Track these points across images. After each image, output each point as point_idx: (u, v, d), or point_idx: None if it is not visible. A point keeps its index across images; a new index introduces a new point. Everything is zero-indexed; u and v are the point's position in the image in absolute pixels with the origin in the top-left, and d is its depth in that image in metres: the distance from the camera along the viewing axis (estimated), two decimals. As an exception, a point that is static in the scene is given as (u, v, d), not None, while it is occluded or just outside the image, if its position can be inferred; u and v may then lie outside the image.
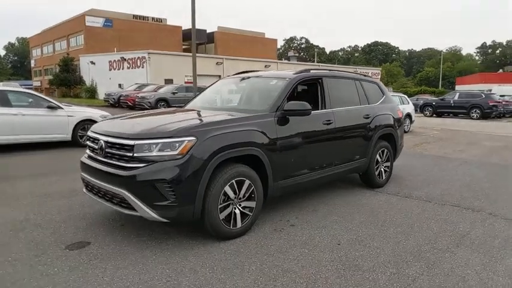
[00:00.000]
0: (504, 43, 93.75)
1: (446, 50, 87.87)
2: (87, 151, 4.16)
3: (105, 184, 3.59)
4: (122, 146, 3.51)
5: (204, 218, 3.52)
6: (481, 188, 5.91)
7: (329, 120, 4.75)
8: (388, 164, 5.98)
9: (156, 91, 23.48)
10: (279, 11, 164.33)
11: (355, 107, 5.36)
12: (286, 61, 52.95)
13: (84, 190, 4.19)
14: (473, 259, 3.39)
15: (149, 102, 21.85)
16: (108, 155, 3.66)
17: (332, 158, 4.89)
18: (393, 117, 6.02)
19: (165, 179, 3.31)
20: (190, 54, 39.47)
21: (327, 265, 3.25)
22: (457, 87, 59.33)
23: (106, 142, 3.69)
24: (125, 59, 34.11)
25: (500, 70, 62.97)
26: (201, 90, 5.62)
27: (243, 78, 5.30)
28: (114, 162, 3.56)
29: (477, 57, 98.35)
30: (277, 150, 4.05)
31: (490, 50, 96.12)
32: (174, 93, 22.85)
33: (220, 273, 3.09)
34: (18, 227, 4.02)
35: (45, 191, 5.35)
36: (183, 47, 52.87)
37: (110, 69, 36.19)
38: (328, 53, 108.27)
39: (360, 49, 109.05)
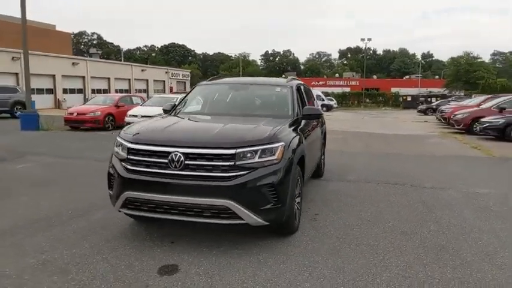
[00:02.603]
0: (281, 52, 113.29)
1: (236, 56, 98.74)
2: (128, 166, 3.63)
3: (195, 198, 3.37)
4: (219, 156, 3.40)
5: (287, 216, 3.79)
6: (381, 169, 7.84)
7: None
8: (323, 157, 7.20)
9: None
10: (68, 2, 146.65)
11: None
12: (102, 60, 48.65)
13: (127, 211, 3.69)
14: (455, 216, 4.82)
15: None
16: (191, 167, 3.42)
17: (316, 153, 5.74)
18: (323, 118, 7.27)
19: (271, 183, 3.46)
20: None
21: (388, 236, 4.11)
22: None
23: (186, 154, 3.43)
24: None
25: (283, 75, 75.98)
26: (184, 96, 5.43)
27: (242, 85, 5.50)
28: (206, 174, 3.40)
29: (260, 63, 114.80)
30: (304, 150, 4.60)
31: (271, 58, 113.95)
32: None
33: (333, 259, 3.51)
34: (53, 271, 3.23)
35: (4, 225, 4.16)
36: None
37: None
38: (124, 50, 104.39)
39: (157, 49, 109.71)
